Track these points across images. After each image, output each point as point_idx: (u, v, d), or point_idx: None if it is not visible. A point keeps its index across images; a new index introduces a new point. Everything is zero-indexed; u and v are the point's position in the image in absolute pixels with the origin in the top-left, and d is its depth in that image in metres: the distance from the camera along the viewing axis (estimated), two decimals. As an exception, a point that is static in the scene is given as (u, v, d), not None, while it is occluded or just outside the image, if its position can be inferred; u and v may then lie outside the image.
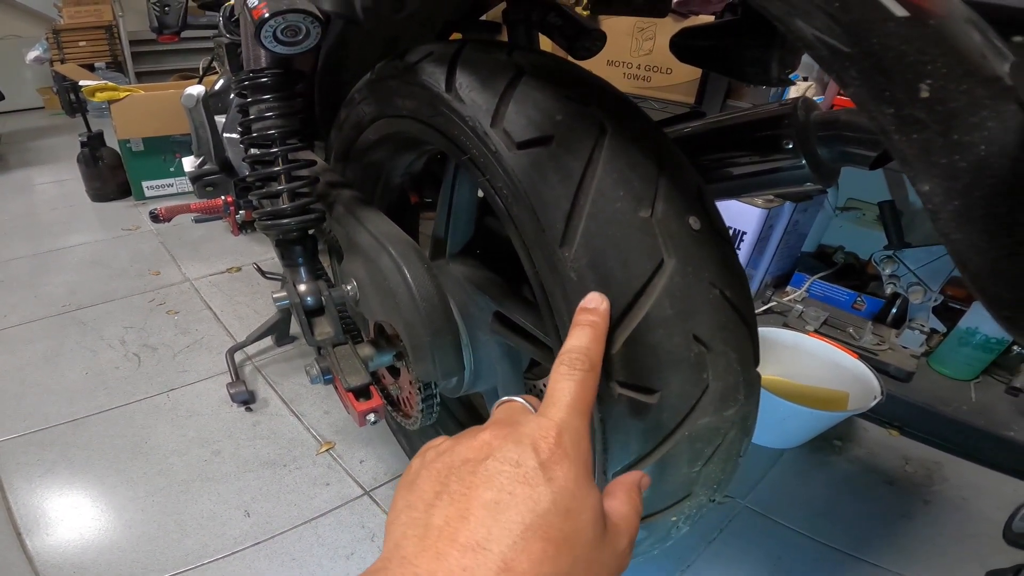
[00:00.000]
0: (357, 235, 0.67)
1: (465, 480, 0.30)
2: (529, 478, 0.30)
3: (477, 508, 0.29)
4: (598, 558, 0.30)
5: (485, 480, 0.30)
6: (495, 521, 0.28)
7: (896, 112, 0.25)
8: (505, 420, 0.34)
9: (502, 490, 0.29)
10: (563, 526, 0.29)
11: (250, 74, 0.69)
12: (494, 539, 0.27)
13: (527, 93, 0.52)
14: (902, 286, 1.40)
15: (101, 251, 2.07)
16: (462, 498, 0.29)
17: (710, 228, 0.47)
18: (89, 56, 3.87)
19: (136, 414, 1.32)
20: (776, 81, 0.64)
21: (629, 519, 0.34)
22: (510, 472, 0.30)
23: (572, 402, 0.34)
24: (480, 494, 0.29)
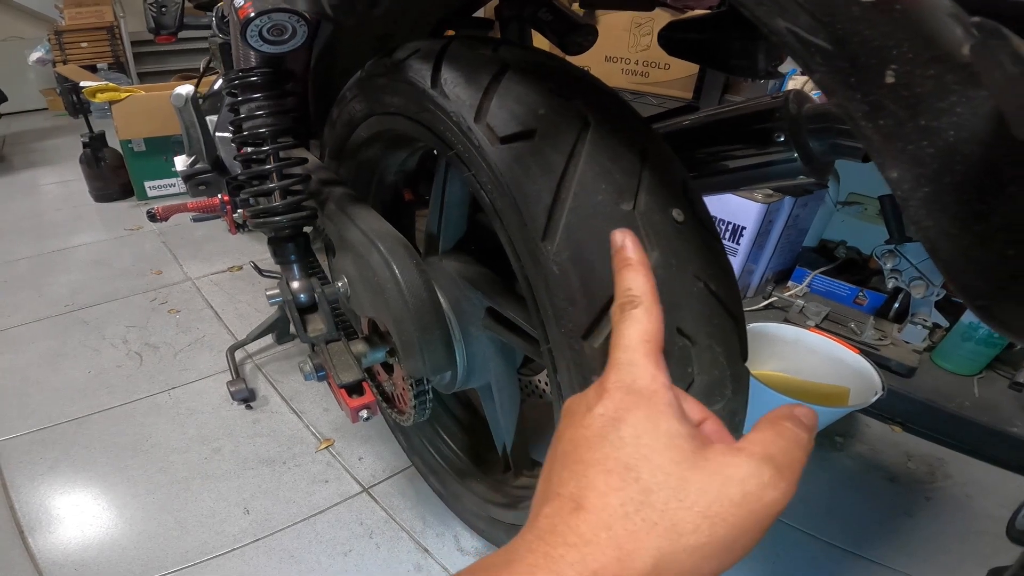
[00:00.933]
0: (347, 232, 0.67)
1: (569, 456, 0.30)
2: (588, 421, 0.30)
3: (551, 464, 0.30)
4: (686, 482, 0.27)
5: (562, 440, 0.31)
6: (562, 467, 0.29)
7: (862, 98, 0.25)
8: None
9: (570, 439, 0.30)
10: (618, 453, 0.28)
11: (239, 73, 0.69)
12: (564, 482, 0.28)
13: (510, 88, 0.52)
14: (904, 280, 1.38)
15: (104, 251, 2.09)
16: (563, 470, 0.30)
17: (694, 221, 0.46)
18: (91, 57, 3.89)
19: (137, 412, 1.33)
20: (763, 74, 0.63)
21: (765, 440, 0.29)
22: (580, 423, 0.30)
23: (630, 342, 0.32)
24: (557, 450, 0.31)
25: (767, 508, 0.27)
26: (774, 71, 0.62)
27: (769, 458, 0.28)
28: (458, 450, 1.04)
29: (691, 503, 0.26)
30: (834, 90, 0.25)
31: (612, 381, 0.31)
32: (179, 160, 0.99)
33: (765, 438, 0.29)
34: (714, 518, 0.26)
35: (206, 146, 0.94)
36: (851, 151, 0.59)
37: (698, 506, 0.26)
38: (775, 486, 0.27)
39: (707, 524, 0.26)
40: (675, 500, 0.26)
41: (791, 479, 0.28)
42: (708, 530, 0.26)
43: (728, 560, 0.27)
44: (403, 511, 1.10)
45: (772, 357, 1.33)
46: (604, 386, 0.31)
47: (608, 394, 0.31)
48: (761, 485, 0.27)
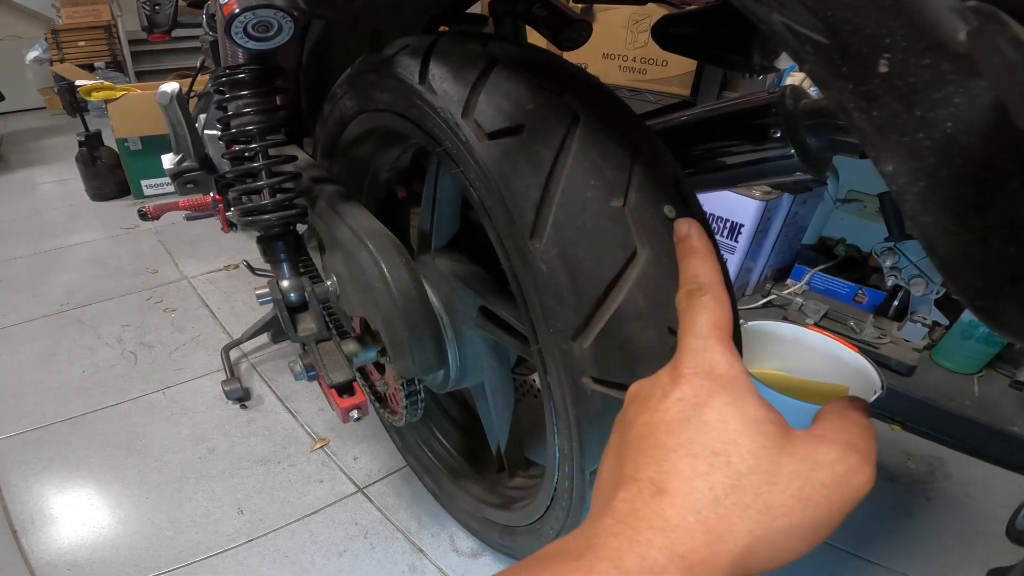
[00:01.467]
0: (337, 230, 0.66)
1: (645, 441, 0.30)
2: (667, 406, 0.30)
3: (623, 449, 0.30)
4: (777, 466, 0.27)
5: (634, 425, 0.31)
6: (638, 452, 0.29)
7: (855, 88, 0.24)
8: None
9: (646, 424, 0.30)
10: (703, 438, 0.28)
11: (227, 70, 0.68)
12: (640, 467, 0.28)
13: (499, 83, 0.51)
14: (903, 278, 1.37)
15: (100, 250, 2.08)
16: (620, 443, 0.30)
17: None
18: (88, 56, 3.89)
19: (132, 412, 1.32)
20: (759, 68, 0.62)
21: (842, 428, 0.30)
22: (655, 409, 0.30)
23: (702, 329, 0.32)
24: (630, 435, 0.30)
25: (855, 491, 0.28)
26: (769, 65, 0.61)
27: (852, 445, 0.29)
28: (453, 450, 1.03)
29: (784, 486, 0.27)
30: (826, 81, 0.24)
31: (688, 366, 0.31)
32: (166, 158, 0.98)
33: (842, 426, 0.30)
34: (806, 501, 0.27)
35: (193, 144, 0.94)
36: (849, 147, 0.58)
37: (791, 489, 0.27)
38: (861, 470, 0.28)
39: (799, 507, 0.27)
40: (767, 484, 0.27)
41: (872, 464, 0.29)
42: (800, 512, 0.27)
43: (815, 541, 0.28)
44: (398, 511, 1.09)
45: (771, 355, 1.32)
46: (679, 371, 0.31)
47: (686, 379, 0.30)
48: (849, 469, 0.28)
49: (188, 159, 0.94)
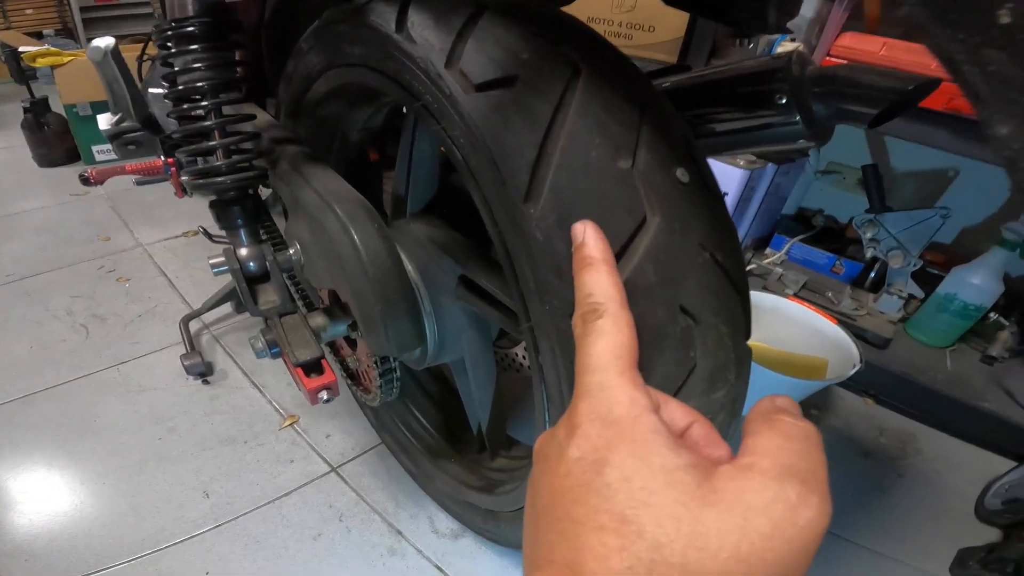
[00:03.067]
0: (301, 192, 0.60)
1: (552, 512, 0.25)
2: (562, 468, 0.25)
3: (535, 522, 0.26)
4: (704, 525, 0.22)
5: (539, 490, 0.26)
6: (548, 529, 0.25)
7: (967, 39, 0.19)
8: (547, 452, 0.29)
9: (549, 492, 0.25)
10: (609, 504, 0.23)
11: (172, 23, 0.60)
12: (554, 547, 0.24)
13: (488, 30, 0.45)
14: (882, 250, 1.37)
15: (48, 217, 1.94)
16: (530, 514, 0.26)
17: (700, 182, 0.41)
18: (37, 24, 3.70)
19: (84, 390, 1.24)
20: (773, 28, 0.59)
21: (774, 448, 0.24)
22: (553, 471, 0.26)
23: (598, 361, 0.28)
24: (537, 505, 0.26)
25: (805, 532, 0.22)
26: (783, 25, 0.57)
27: (788, 470, 0.23)
28: (431, 428, 0.99)
29: (715, 549, 0.21)
30: (929, 28, 0.20)
31: (583, 413, 0.26)
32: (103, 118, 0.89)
33: (771, 445, 0.24)
34: (748, 560, 0.21)
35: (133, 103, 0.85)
36: (858, 116, 0.56)
37: (724, 551, 0.21)
38: (806, 503, 0.22)
39: (742, 568, 0.21)
40: (694, 549, 0.22)
41: (821, 489, 0.23)
42: (745, 575, 0.21)
43: None
44: (374, 492, 1.05)
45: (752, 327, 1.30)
46: (574, 420, 0.26)
47: (581, 430, 0.25)
48: (790, 507, 0.22)
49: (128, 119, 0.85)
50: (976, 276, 1.26)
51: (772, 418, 0.26)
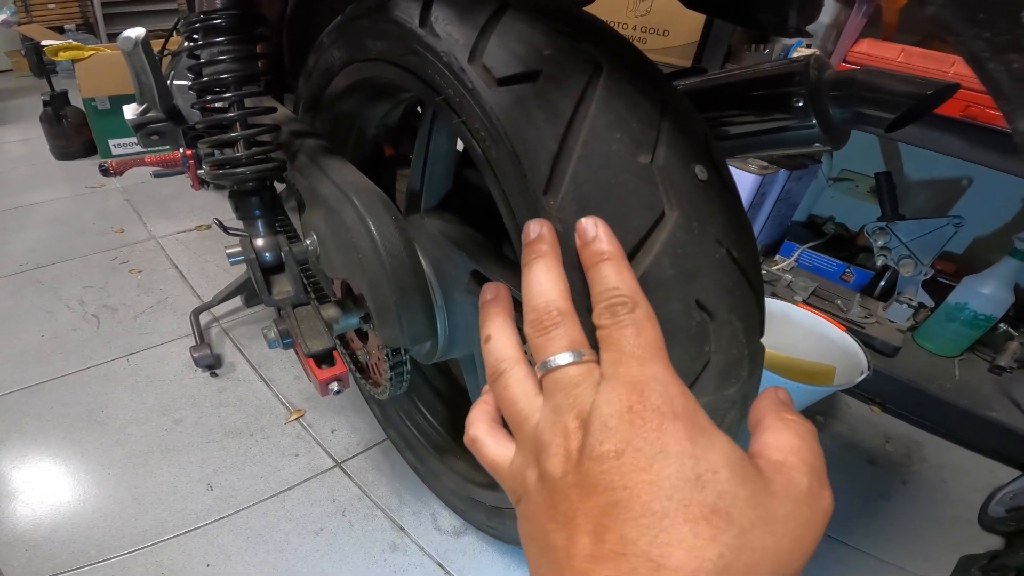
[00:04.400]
0: (319, 184, 0.60)
1: (568, 496, 0.26)
2: (636, 460, 0.25)
3: (593, 518, 0.25)
4: (772, 512, 0.24)
5: (588, 487, 0.25)
6: (622, 523, 0.24)
7: (993, 37, 0.20)
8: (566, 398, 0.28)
9: (614, 487, 0.25)
10: (701, 496, 0.24)
11: (200, 15, 0.62)
12: (630, 541, 0.24)
13: (511, 26, 0.45)
14: (893, 258, 1.37)
15: (63, 209, 1.96)
16: (575, 514, 0.26)
17: (718, 180, 0.41)
18: (59, 18, 3.72)
19: (93, 380, 1.25)
20: (793, 32, 0.59)
21: (797, 447, 0.27)
22: (613, 465, 0.25)
23: (644, 354, 0.27)
24: (590, 503, 0.25)
25: (825, 518, 0.26)
26: (803, 29, 0.57)
27: (811, 467, 0.26)
28: (437, 424, 0.99)
29: (783, 532, 0.24)
30: (955, 27, 0.21)
31: (652, 405, 0.26)
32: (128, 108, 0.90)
33: (790, 444, 0.27)
34: (801, 541, 0.25)
35: (159, 94, 0.86)
36: (875, 120, 0.56)
37: (789, 534, 0.24)
38: (823, 494, 0.26)
39: (798, 549, 0.25)
40: (771, 536, 0.24)
41: (827, 480, 0.27)
42: (799, 555, 0.25)
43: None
44: (378, 487, 1.05)
45: (760, 333, 1.30)
46: (639, 414, 0.26)
47: (655, 423, 0.25)
48: (815, 497, 0.26)
49: (153, 109, 0.86)
50: (987, 286, 1.25)
51: (784, 417, 0.28)
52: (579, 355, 0.29)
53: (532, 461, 0.29)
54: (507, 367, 0.32)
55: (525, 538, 0.29)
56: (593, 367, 0.29)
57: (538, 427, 0.29)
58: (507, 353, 0.33)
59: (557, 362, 0.29)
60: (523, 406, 0.30)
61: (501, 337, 0.34)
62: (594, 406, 0.27)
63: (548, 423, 0.28)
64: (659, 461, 0.24)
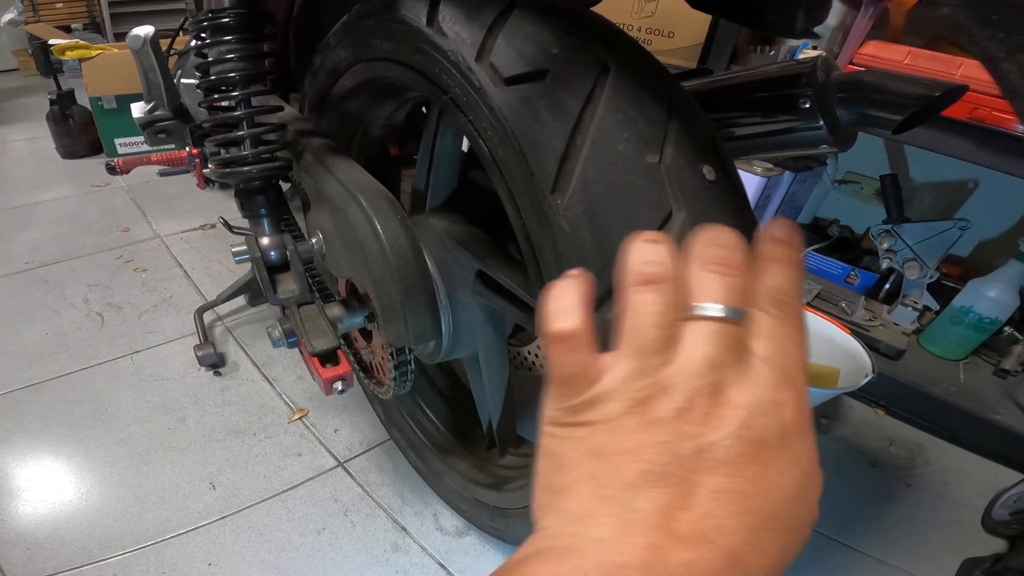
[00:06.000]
0: (325, 183, 0.60)
1: (686, 462, 0.24)
2: (774, 461, 0.24)
3: (703, 496, 0.23)
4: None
5: (717, 463, 0.24)
6: (727, 512, 0.23)
7: (1007, 38, 0.20)
8: (724, 354, 0.25)
9: (738, 476, 0.23)
10: (800, 513, 0.24)
11: (209, 14, 0.62)
12: (724, 532, 0.23)
13: (519, 26, 0.46)
14: (898, 261, 1.36)
15: (68, 207, 1.97)
16: (682, 483, 0.23)
17: (726, 181, 0.41)
18: (66, 18, 3.73)
19: (96, 378, 1.25)
20: (800, 33, 0.59)
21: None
22: (750, 454, 0.24)
23: (798, 351, 0.26)
24: (708, 480, 0.23)
25: None
26: (811, 30, 0.57)
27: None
28: (440, 424, 0.99)
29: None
30: (968, 28, 0.21)
31: (803, 413, 0.26)
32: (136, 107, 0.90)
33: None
34: None
35: (167, 92, 0.86)
36: (883, 122, 0.56)
37: None
38: None
39: None
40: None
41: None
42: None
43: None
44: (380, 487, 1.05)
45: (764, 336, 1.30)
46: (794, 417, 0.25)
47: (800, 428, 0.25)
48: None
49: (161, 108, 0.87)
50: (992, 289, 1.25)
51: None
52: (741, 315, 0.26)
53: (642, 393, 0.25)
54: (667, 279, 0.26)
55: (579, 453, 0.26)
56: (748, 337, 0.26)
57: (672, 367, 0.25)
58: (669, 265, 0.27)
59: (722, 313, 0.25)
60: (663, 332, 0.25)
61: (671, 246, 0.28)
62: (752, 383, 0.25)
63: (689, 371, 0.25)
64: (789, 470, 0.24)
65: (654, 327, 0.25)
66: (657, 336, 0.25)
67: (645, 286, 0.26)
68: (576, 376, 0.27)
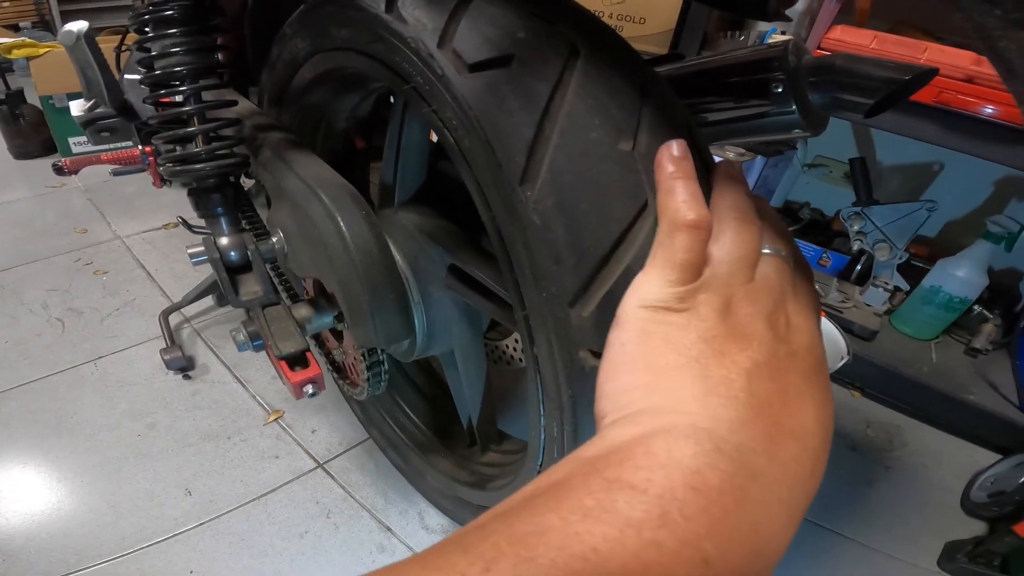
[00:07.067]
0: (284, 179, 0.58)
1: (782, 361, 0.28)
2: (824, 379, 0.29)
3: (795, 396, 0.28)
4: None
5: (802, 370, 0.29)
6: (809, 415, 0.28)
7: (1004, 15, 0.19)
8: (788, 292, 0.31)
9: (814, 385, 0.29)
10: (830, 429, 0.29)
11: (150, 7, 0.58)
12: (810, 433, 0.27)
13: (483, 9, 0.43)
14: (868, 243, 1.38)
15: (23, 210, 1.89)
16: (781, 380, 0.28)
17: (702, 168, 0.39)
18: (13, 16, 3.62)
19: (60, 386, 1.20)
20: (773, 16, 0.58)
21: None
22: (817, 369, 0.29)
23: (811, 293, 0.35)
24: (796, 381, 0.28)
25: None
26: (783, 13, 0.56)
27: None
28: (419, 422, 0.97)
29: None
30: (963, 4, 0.20)
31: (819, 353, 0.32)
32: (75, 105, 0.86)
33: None
34: None
35: (108, 88, 0.82)
36: (855, 106, 0.55)
37: None
38: None
39: None
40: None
41: None
42: None
43: None
44: (362, 487, 1.03)
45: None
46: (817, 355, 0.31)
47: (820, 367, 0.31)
48: None
49: (102, 105, 0.82)
50: (961, 269, 1.27)
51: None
52: (789, 258, 0.33)
53: (739, 294, 0.30)
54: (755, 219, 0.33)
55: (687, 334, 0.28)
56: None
57: (756, 283, 0.30)
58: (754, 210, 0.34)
59: (782, 252, 0.32)
60: (753, 255, 0.31)
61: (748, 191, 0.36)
62: (807, 312, 0.31)
63: (770, 287, 0.30)
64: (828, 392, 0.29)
65: (747, 248, 0.31)
66: (750, 253, 0.31)
67: (748, 221, 0.32)
68: (694, 264, 0.30)
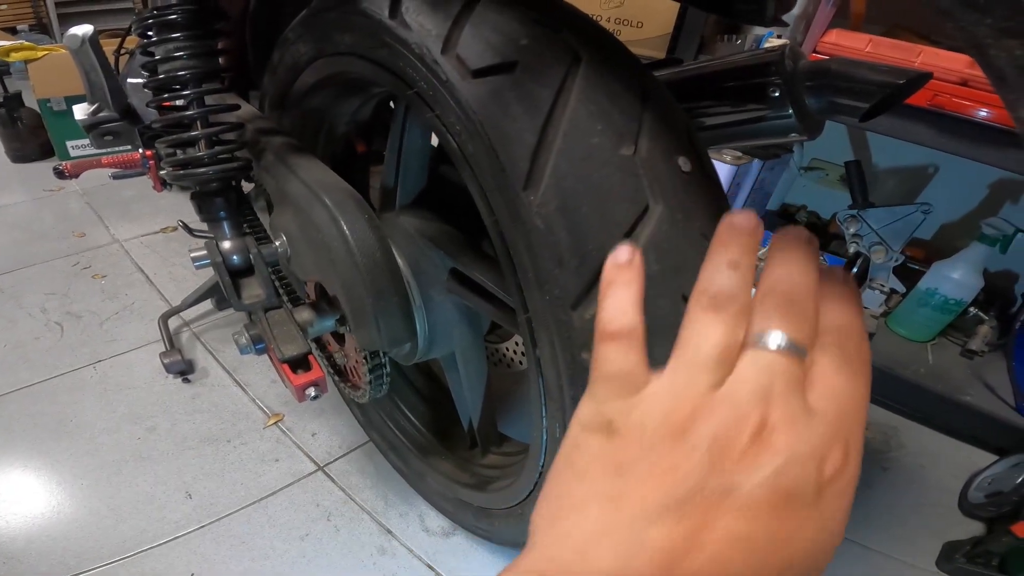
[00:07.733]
0: (287, 183, 0.58)
1: (709, 497, 0.22)
2: (799, 518, 0.22)
3: (718, 539, 0.21)
4: None
5: (740, 507, 0.22)
6: (737, 561, 0.21)
7: (994, 24, 0.19)
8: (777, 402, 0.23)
9: (758, 526, 0.22)
10: (817, 564, 0.23)
11: (154, 12, 0.59)
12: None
13: (486, 16, 0.44)
14: (864, 245, 1.39)
15: (21, 213, 1.89)
16: (700, 520, 0.22)
17: (701, 172, 0.40)
18: (11, 19, 3.60)
19: (60, 390, 1.20)
20: (771, 21, 0.58)
21: None
22: (776, 504, 0.22)
23: (862, 411, 0.24)
24: (726, 522, 0.22)
25: None
26: (780, 18, 0.57)
27: None
28: (420, 425, 0.98)
29: None
30: (954, 12, 0.20)
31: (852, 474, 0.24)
32: (79, 108, 0.86)
33: None
34: None
35: (111, 92, 0.82)
36: (850, 110, 0.57)
37: None
38: None
39: None
40: None
41: None
42: None
43: None
44: (363, 490, 1.03)
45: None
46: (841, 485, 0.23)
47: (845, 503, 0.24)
48: None
49: (106, 109, 0.83)
50: (956, 271, 1.28)
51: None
52: (803, 352, 0.24)
53: (683, 411, 0.23)
54: (743, 300, 0.25)
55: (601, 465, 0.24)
56: (804, 377, 0.24)
57: (721, 390, 0.23)
58: (747, 291, 0.26)
59: (784, 344, 0.24)
60: (719, 352, 0.24)
61: (749, 273, 0.26)
62: (799, 428, 0.22)
63: (737, 398, 0.23)
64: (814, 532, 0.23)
65: (712, 346, 0.24)
66: (712, 355, 0.24)
67: (713, 311, 0.25)
68: (623, 376, 0.25)
